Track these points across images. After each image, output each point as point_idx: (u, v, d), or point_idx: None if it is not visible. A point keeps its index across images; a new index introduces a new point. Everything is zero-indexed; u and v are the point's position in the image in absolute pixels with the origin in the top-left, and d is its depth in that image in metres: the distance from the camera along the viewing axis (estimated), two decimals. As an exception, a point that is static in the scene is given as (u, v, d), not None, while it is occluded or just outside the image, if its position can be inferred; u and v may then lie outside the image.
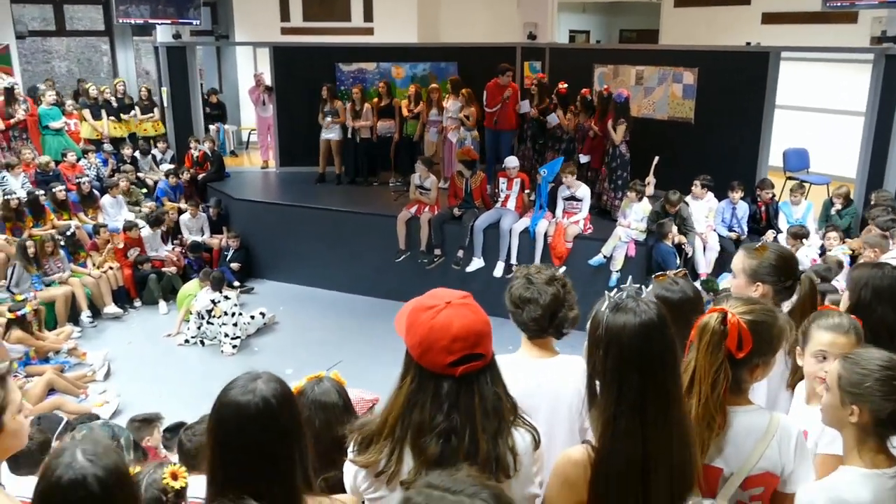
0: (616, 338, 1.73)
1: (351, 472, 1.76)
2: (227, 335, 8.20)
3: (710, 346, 1.89)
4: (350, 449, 1.77)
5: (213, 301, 8.24)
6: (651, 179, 8.76)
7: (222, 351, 8.19)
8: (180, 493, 2.19)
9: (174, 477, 2.20)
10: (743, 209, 8.28)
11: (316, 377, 2.35)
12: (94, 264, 9.14)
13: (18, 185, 9.32)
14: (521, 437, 1.71)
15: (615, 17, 18.10)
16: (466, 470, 1.31)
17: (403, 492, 1.33)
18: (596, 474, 1.73)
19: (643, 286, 2.07)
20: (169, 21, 10.79)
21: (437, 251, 9.11)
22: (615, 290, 1.84)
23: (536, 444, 1.75)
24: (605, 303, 1.80)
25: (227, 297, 8.38)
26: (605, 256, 8.36)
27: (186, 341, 8.35)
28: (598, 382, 1.81)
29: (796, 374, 2.46)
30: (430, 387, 1.65)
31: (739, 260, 2.67)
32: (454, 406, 1.63)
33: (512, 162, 9.04)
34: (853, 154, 9.14)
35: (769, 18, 12.30)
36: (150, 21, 10.71)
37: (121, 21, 10.69)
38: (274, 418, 1.64)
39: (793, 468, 1.92)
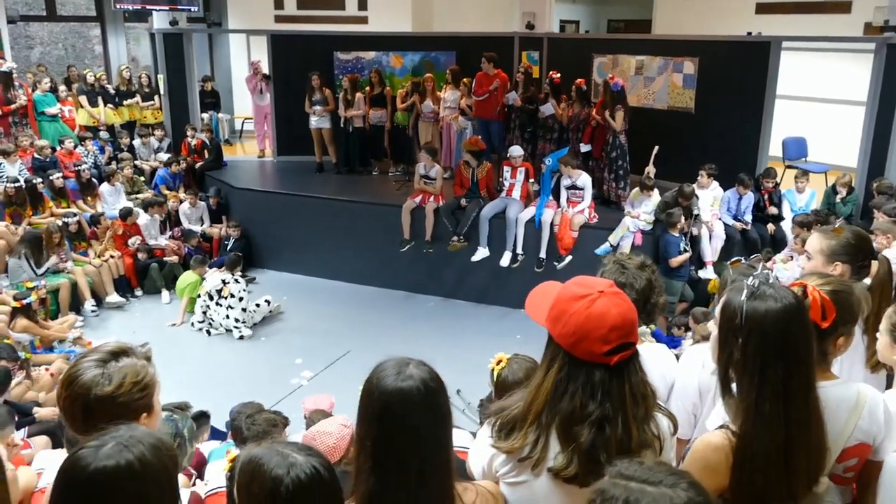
0: (758, 326, 1.74)
1: (486, 456, 1.77)
2: (237, 320, 8.18)
3: None
4: (488, 434, 1.77)
5: (223, 281, 8.21)
6: (651, 169, 8.83)
7: (241, 336, 8.21)
8: None
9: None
10: (748, 199, 8.37)
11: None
12: (95, 253, 9.04)
13: (16, 172, 9.16)
14: (662, 423, 1.73)
15: (604, 7, 18.15)
16: (650, 458, 1.32)
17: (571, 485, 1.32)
18: (740, 459, 1.74)
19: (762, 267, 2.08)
20: (167, 7, 10.64)
21: (455, 238, 9.05)
22: (750, 276, 1.84)
23: (675, 428, 1.77)
24: (742, 291, 1.80)
25: (237, 281, 8.35)
26: (611, 245, 8.41)
27: (192, 325, 8.31)
28: (731, 370, 1.82)
29: (874, 354, 2.50)
30: (581, 375, 1.65)
31: (816, 241, 2.71)
32: (607, 394, 1.64)
33: (516, 151, 9.05)
34: (851, 143, 9.26)
35: (763, 8, 12.39)
36: (148, 7, 10.54)
37: (118, 7, 10.50)
38: (435, 400, 1.63)
39: (883, 436, 1.97)
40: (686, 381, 2.42)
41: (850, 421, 1.94)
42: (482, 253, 8.88)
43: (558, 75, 9.78)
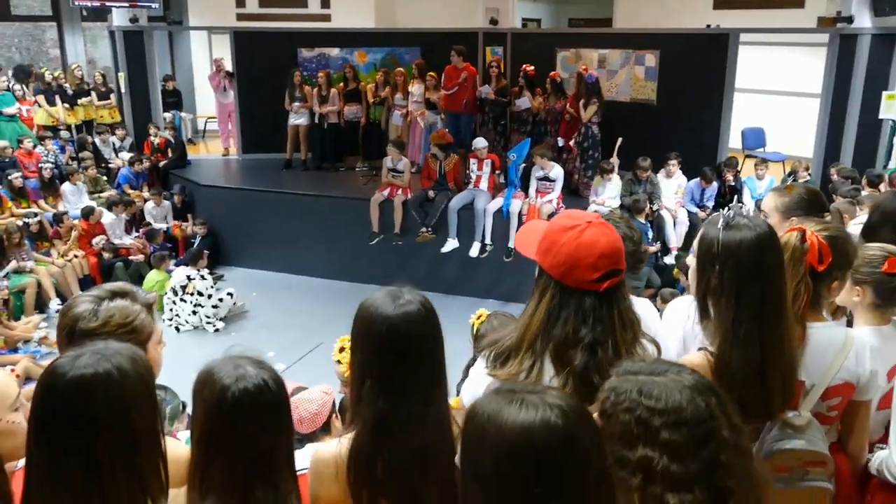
0: (734, 253, 1.84)
1: (482, 386, 1.81)
2: (207, 317, 8.12)
3: (791, 262, 2.02)
4: (483, 365, 1.82)
5: (188, 277, 8.15)
6: (615, 160, 8.98)
7: (216, 329, 8.18)
8: None
9: None
10: (711, 190, 8.57)
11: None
12: (58, 253, 8.89)
13: (-27, 173, 8.98)
14: (648, 347, 1.80)
15: (564, 6, 18.37)
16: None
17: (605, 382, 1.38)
18: (718, 378, 1.82)
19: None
20: (126, 4, 10.50)
21: (424, 229, 9.09)
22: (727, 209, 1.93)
23: (659, 353, 1.84)
24: (716, 223, 1.89)
25: (203, 277, 8.28)
26: (579, 234, 8.51)
27: (161, 322, 8.22)
28: (708, 297, 1.91)
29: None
30: (572, 302, 1.71)
31: (771, 200, 2.82)
32: (598, 320, 1.70)
33: (481, 143, 9.13)
34: (806, 134, 9.54)
35: (721, 3, 12.69)
36: (107, 4, 10.40)
37: (76, 4, 10.34)
38: (434, 320, 1.71)
39: (867, 378, 2.06)
40: (671, 332, 2.50)
41: (837, 361, 2.04)
42: (451, 244, 8.94)
43: (532, 68, 9.87)
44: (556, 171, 8.87)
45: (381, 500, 1.68)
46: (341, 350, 2.85)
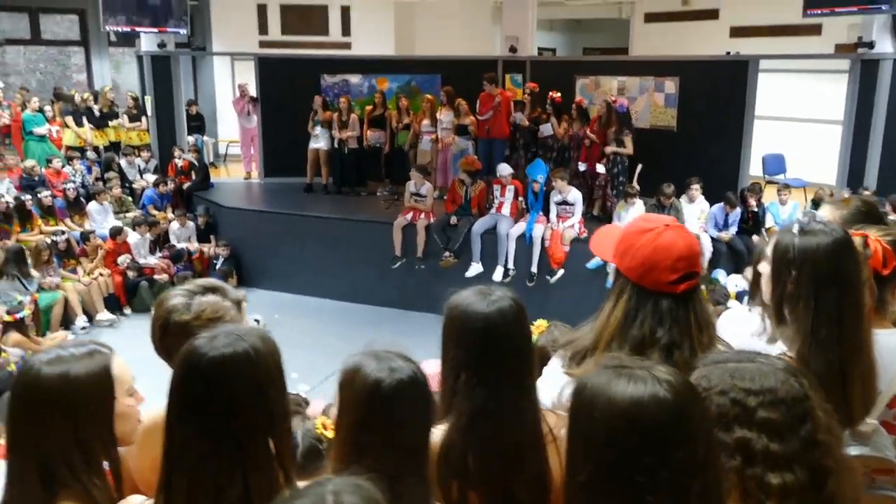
0: (811, 257, 1.84)
1: (558, 385, 1.84)
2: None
3: None
4: (560, 364, 1.85)
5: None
6: (635, 187, 9.03)
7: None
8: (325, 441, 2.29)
9: (325, 427, 2.27)
10: (735, 215, 8.58)
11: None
12: (84, 271, 8.98)
13: (3, 190, 9.11)
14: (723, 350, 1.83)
15: (579, 35, 18.58)
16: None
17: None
18: None
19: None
20: (155, 30, 10.71)
21: (447, 254, 9.15)
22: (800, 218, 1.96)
23: None
24: (791, 230, 1.92)
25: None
26: (602, 259, 8.53)
27: None
28: (784, 303, 1.93)
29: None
30: (649, 304, 1.74)
31: (828, 213, 2.84)
32: (675, 321, 1.73)
33: (505, 169, 9.21)
34: (826, 159, 9.58)
35: (737, 32, 12.81)
36: (137, 29, 10.61)
37: (107, 29, 10.55)
38: (525, 317, 1.77)
39: None
40: (732, 342, 2.52)
41: None
42: (475, 268, 8.98)
43: (559, 95, 9.95)
44: (574, 195, 8.92)
45: (470, 493, 1.69)
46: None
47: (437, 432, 1.72)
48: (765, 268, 2.04)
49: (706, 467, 1.20)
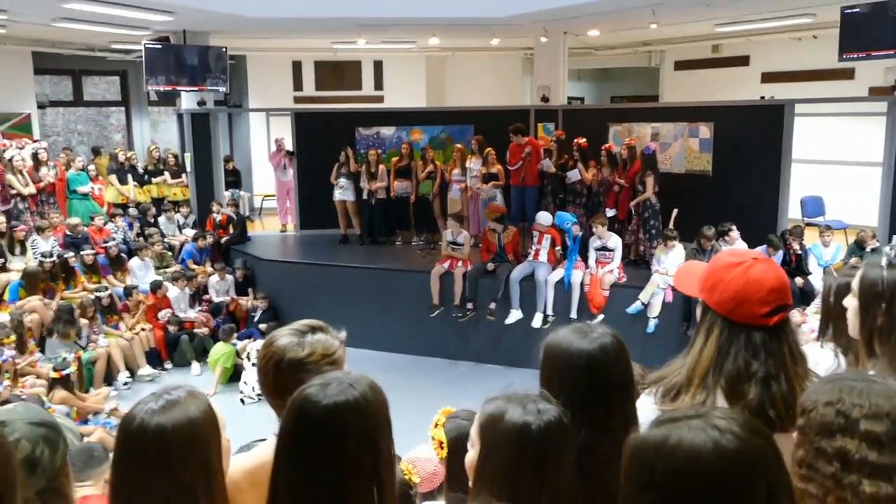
0: None
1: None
2: (245, 382, 8.23)
3: None
4: (652, 402, 1.82)
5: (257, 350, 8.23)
6: (673, 230, 8.97)
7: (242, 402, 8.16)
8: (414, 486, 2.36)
9: (408, 472, 2.27)
10: (777, 256, 8.47)
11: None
12: (126, 326, 9.08)
13: (48, 248, 9.29)
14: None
15: (609, 84, 18.74)
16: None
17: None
18: None
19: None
20: (196, 88, 11.00)
21: (469, 305, 9.16)
22: (888, 251, 1.94)
23: None
24: (878, 263, 1.90)
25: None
26: (642, 303, 8.47)
27: (242, 402, 8.22)
28: (874, 335, 1.90)
29: None
30: (742, 337, 1.73)
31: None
32: (769, 354, 1.71)
33: (544, 217, 9.21)
34: (866, 201, 9.46)
35: (769, 77, 12.86)
36: (178, 88, 10.91)
37: (149, 88, 10.88)
38: (627, 354, 1.80)
39: None
40: None
41: None
42: (515, 315, 8.94)
43: (584, 141, 10.02)
44: (615, 241, 8.92)
45: None
46: (435, 426, 2.79)
47: None
48: (851, 302, 2.01)
49: None
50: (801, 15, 10.25)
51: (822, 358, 2.33)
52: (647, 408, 1.86)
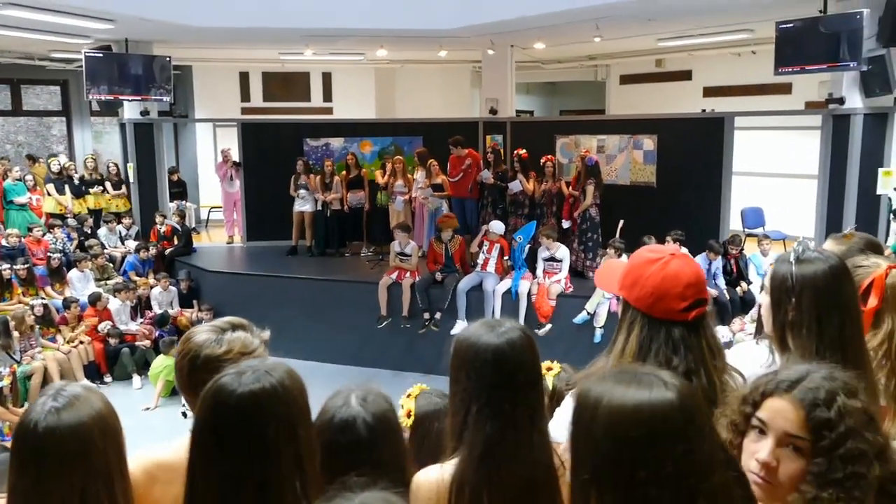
0: (810, 283, 1.87)
1: None
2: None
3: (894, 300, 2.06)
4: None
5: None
6: (620, 241, 9.10)
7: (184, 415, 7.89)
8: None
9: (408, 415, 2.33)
10: (717, 263, 8.67)
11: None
12: (63, 339, 8.82)
13: (-18, 261, 9.00)
14: (736, 377, 1.81)
15: (557, 98, 19.00)
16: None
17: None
18: None
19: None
20: (139, 97, 10.80)
21: (427, 315, 9.14)
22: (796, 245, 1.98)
23: (745, 382, 1.85)
24: (787, 259, 1.94)
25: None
26: (588, 313, 8.56)
27: (184, 415, 8.02)
28: (787, 330, 1.93)
29: None
30: (662, 333, 1.74)
31: (830, 247, 2.88)
32: (688, 348, 1.73)
33: (498, 227, 9.28)
34: (804, 213, 9.74)
35: (710, 92, 13.18)
36: (121, 98, 10.69)
37: (90, 98, 10.63)
38: (535, 348, 1.79)
39: None
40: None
41: None
42: (461, 325, 8.92)
43: (524, 151, 10.12)
44: (563, 252, 9.01)
45: None
46: (407, 396, 2.82)
47: (448, 468, 1.68)
48: (764, 298, 2.05)
49: (711, 470, 1.18)
50: (740, 30, 10.52)
51: (757, 354, 2.37)
52: (570, 408, 1.86)
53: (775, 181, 11.69)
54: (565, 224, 9.64)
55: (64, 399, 1.48)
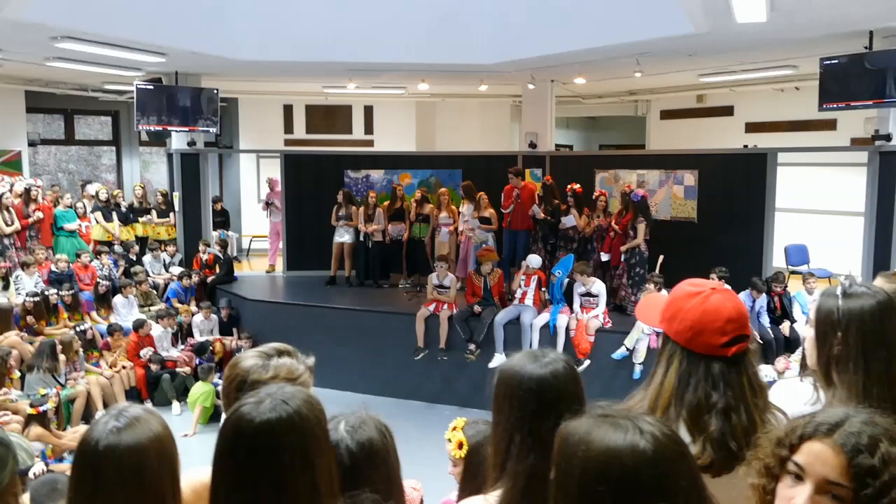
0: (857, 318, 1.84)
1: None
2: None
3: None
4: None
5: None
6: (660, 276, 9.01)
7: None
8: None
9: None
10: (761, 301, 8.52)
11: None
12: (107, 364, 8.98)
13: (32, 285, 9.24)
14: (779, 416, 1.78)
15: (596, 133, 18.99)
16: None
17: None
18: None
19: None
20: (186, 129, 11.08)
21: (472, 346, 9.11)
22: (843, 278, 1.95)
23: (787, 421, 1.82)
24: (833, 293, 1.91)
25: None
26: (627, 349, 8.46)
27: None
28: (832, 365, 1.90)
29: None
30: (701, 368, 1.72)
31: (879, 285, 2.82)
32: (728, 385, 1.70)
33: (534, 260, 9.25)
34: (849, 251, 9.55)
35: (753, 128, 13.06)
36: (169, 128, 10.98)
37: (140, 128, 10.95)
38: (578, 380, 1.80)
39: None
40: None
41: None
42: (499, 359, 8.88)
43: (578, 186, 10.08)
44: (598, 287, 8.94)
45: None
46: (454, 429, 2.81)
47: (492, 500, 1.68)
48: (808, 332, 2.02)
49: None
50: (783, 66, 10.46)
51: (801, 390, 2.33)
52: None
53: (820, 218, 11.50)
54: (604, 257, 9.57)
55: (125, 419, 1.52)
